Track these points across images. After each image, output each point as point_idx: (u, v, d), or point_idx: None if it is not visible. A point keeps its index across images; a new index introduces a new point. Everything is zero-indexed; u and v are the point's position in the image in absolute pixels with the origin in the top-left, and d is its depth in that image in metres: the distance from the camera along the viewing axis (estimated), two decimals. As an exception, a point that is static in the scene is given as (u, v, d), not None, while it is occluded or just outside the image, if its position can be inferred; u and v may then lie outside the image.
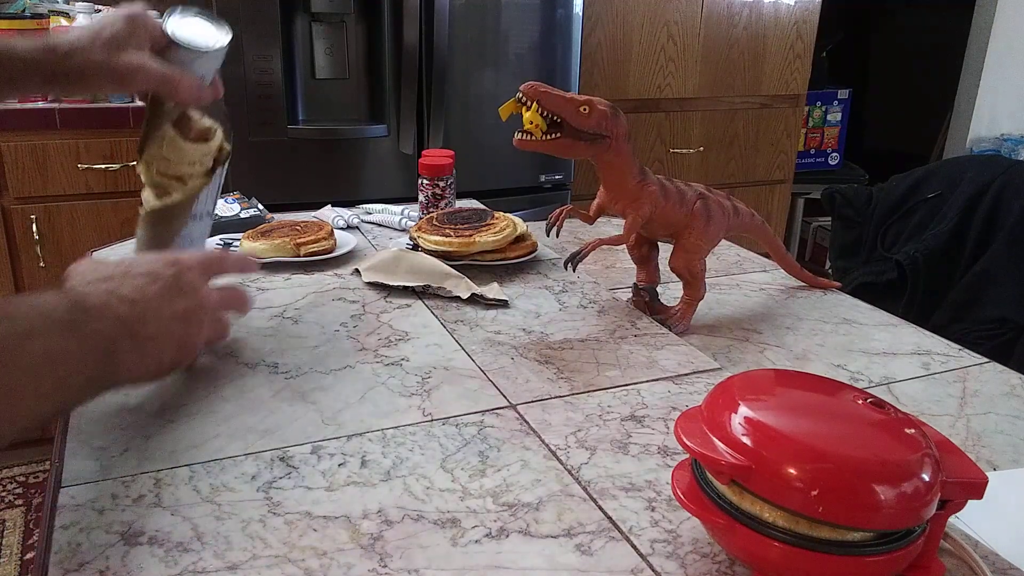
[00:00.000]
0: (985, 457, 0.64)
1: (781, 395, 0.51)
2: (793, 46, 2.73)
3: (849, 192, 1.71)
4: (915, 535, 0.45)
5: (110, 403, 0.66)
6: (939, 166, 1.71)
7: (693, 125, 2.67)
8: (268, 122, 1.91)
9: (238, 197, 1.24)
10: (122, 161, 1.97)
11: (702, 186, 0.87)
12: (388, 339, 0.79)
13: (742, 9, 2.60)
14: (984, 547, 0.52)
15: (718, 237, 0.88)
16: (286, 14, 1.88)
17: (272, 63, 1.87)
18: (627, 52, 2.48)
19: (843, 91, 3.49)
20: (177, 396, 0.67)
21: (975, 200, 1.50)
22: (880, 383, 0.76)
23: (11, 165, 1.88)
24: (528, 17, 2.09)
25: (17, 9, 2.00)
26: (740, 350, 0.81)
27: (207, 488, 0.55)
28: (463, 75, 2.07)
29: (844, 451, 0.43)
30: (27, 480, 2.06)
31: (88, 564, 0.47)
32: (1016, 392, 0.75)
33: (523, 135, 0.76)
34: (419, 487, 0.56)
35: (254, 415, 0.64)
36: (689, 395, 0.70)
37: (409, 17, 1.91)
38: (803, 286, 1.02)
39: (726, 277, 1.05)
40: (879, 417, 0.47)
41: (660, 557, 0.50)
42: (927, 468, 0.43)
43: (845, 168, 3.57)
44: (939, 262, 1.50)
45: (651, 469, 0.59)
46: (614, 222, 1.27)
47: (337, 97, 2.05)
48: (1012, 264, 1.41)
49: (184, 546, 0.49)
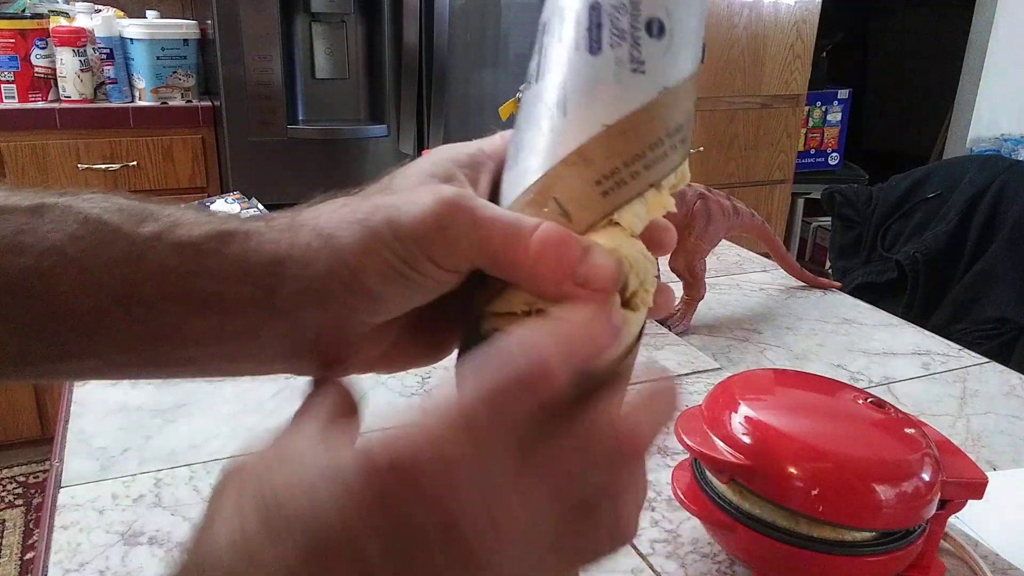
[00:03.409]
0: (985, 457, 0.64)
1: (781, 395, 0.51)
2: (793, 46, 2.73)
3: (849, 192, 1.71)
4: (915, 535, 0.45)
5: (110, 403, 0.66)
6: (939, 166, 1.71)
7: (693, 125, 2.66)
8: (268, 122, 1.91)
9: (238, 197, 1.24)
10: (122, 161, 1.97)
11: (702, 186, 0.87)
12: (388, 339, 0.79)
13: (742, 9, 2.60)
14: (984, 547, 0.52)
15: (718, 237, 0.88)
16: (286, 14, 1.88)
17: (272, 63, 1.87)
18: (627, 52, 2.48)
19: (843, 91, 3.48)
20: (177, 396, 0.67)
21: (975, 200, 1.49)
22: (880, 383, 0.76)
23: (11, 165, 1.88)
24: (528, 17, 2.09)
25: (17, 9, 2.00)
26: (740, 350, 0.81)
27: (207, 488, 0.55)
28: (463, 75, 2.07)
29: (844, 451, 0.43)
30: (27, 480, 2.06)
31: (88, 564, 0.47)
32: (1016, 392, 0.75)
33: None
34: (419, 487, 0.56)
35: (254, 415, 0.64)
36: (689, 395, 0.70)
37: (409, 17, 1.91)
38: (803, 286, 1.02)
39: (726, 277, 1.05)
40: (879, 417, 0.47)
41: (660, 557, 0.49)
42: (927, 468, 0.43)
43: (845, 168, 3.56)
44: (939, 262, 1.50)
45: (651, 469, 0.59)
46: (614, 222, 1.27)
47: (337, 97, 2.05)
48: (1012, 264, 1.41)
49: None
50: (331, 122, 2.03)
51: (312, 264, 0.27)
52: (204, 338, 0.28)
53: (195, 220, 0.28)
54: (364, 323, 0.28)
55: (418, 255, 0.26)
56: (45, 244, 0.27)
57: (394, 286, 0.27)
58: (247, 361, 0.30)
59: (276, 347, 0.29)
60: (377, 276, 0.26)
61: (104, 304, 0.27)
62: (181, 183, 2.02)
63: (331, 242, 0.27)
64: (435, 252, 0.26)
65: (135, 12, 2.18)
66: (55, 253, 0.27)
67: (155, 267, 0.27)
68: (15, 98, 1.95)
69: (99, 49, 1.98)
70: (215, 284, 0.27)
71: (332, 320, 0.28)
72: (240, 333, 0.28)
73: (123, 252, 0.27)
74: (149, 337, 0.28)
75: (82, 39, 1.95)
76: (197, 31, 2.08)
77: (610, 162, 0.26)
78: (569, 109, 0.27)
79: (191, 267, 0.27)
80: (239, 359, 0.30)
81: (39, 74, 1.97)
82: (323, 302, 0.27)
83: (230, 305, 0.28)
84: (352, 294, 0.27)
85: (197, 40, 2.09)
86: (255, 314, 0.28)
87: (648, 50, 0.26)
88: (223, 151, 1.96)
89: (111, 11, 2.05)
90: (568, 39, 0.27)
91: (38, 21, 1.97)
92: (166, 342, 0.28)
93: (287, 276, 0.27)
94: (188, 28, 2.05)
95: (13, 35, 1.93)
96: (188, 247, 0.27)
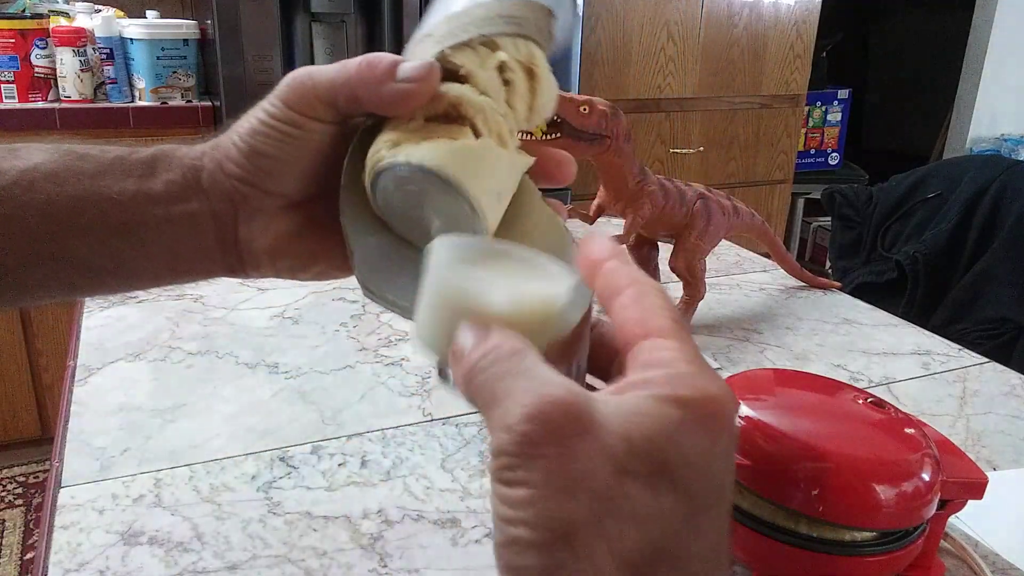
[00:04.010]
0: (985, 457, 0.64)
1: (781, 395, 0.51)
2: (793, 46, 2.73)
3: (849, 192, 1.71)
4: (915, 535, 0.45)
5: (110, 403, 0.66)
6: (939, 166, 1.71)
7: (693, 125, 2.66)
8: (268, 122, 1.91)
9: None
10: (122, 161, 1.96)
11: (702, 186, 0.87)
12: (388, 339, 0.79)
13: (742, 9, 2.60)
14: (984, 547, 0.52)
15: (718, 237, 0.88)
16: (286, 14, 1.88)
17: (272, 63, 1.87)
18: (627, 52, 2.48)
19: (843, 91, 3.49)
20: (177, 396, 0.67)
21: (975, 200, 1.49)
22: (880, 383, 0.76)
23: (11, 165, 1.88)
24: (528, 17, 2.09)
25: (17, 9, 2.00)
26: (740, 350, 0.81)
27: (207, 488, 0.55)
28: (463, 75, 2.07)
29: (844, 451, 0.43)
30: (27, 480, 2.06)
31: (88, 564, 0.47)
32: (1016, 392, 0.75)
33: (522, 135, 0.76)
34: (419, 487, 0.56)
35: (254, 415, 0.64)
36: (689, 395, 0.70)
37: (409, 17, 1.91)
38: (803, 286, 1.02)
39: (726, 277, 1.05)
40: (879, 417, 0.47)
41: (660, 557, 0.49)
42: (927, 468, 0.43)
43: (845, 168, 3.57)
44: (939, 262, 1.50)
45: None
46: (614, 222, 1.27)
47: (337, 97, 2.05)
48: (1012, 264, 1.41)
49: (184, 546, 0.49)
50: (331, 122, 2.03)
51: (221, 145, 0.38)
52: (157, 224, 0.37)
53: (143, 148, 0.39)
54: (261, 188, 0.38)
55: (280, 106, 0.37)
56: (23, 165, 0.36)
57: (270, 139, 0.37)
58: (189, 251, 0.38)
59: (206, 228, 0.38)
60: (260, 135, 0.37)
61: (78, 205, 0.36)
62: (181, 183, 2.02)
63: (232, 129, 0.38)
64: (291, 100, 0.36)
65: (135, 12, 2.18)
66: (32, 170, 0.36)
67: (119, 173, 0.37)
68: (15, 98, 1.95)
69: (99, 49, 1.98)
70: (163, 183, 0.37)
71: (239, 189, 0.38)
72: (181, 216, 0.38)
73: (92, 168, 0.37)
74: (113, 230, 0.37)
75: (82, 39, 1.95)
76: (197, 31, 2.08)
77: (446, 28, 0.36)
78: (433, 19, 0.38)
79: (147, 171, 0.38)
80: (182, 248, 0.38)
81: (39, 74, 1.97)
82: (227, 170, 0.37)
83: (173, 190, 0.37)
84: (245, 156, 0.37)
85: (197, 40, 2.08)
86: (189, 194, 0.38)
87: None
88: (223, 151, 1.96)
89: (111, 11, 2.05)
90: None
91: (38, 21, 1.97)
92: (128, 233, 0.37)
93: (205, 160, 0.38)
94: (188, 28, 2.05)
95: (13, 35, 1.93)
96: (144, 159, 0.38)
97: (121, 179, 0.37)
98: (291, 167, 0.37)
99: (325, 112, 0.37)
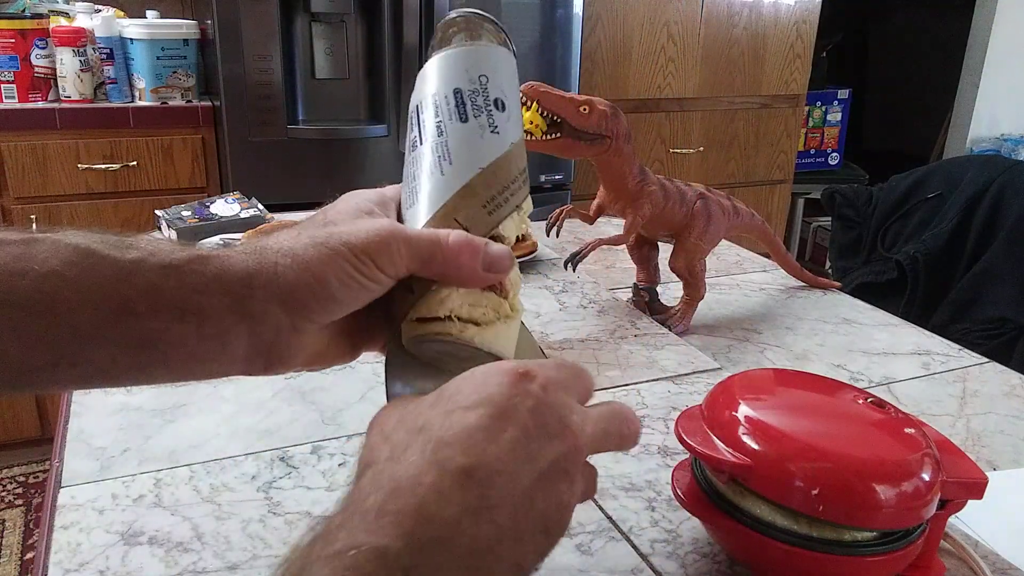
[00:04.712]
0: (985, 457, 0.64)
1: (781, 394, 0.51)
2: (793, 46, 2.73)
3: (849, 192, 1.71)
4: (915, 535, 0.45)
5: (110, 403, 0.66)
6: (939, 166, 1.71)
7: (693, 125, 2.66)
8: (268, 122, 1.91)
9: (238, 197, 1.24)
10: (122, 161, 1.97)
11: (702, 186, 0.87)
12: (388, 339, 0.79)
13: (742, 9, 2.60)
14: (984, 547, 0.52)
15: (718, 237, 0.88)
16: (286, 14, 1.88)
17: (272, 63, 1.87)
18: (627, 52, 2.48)
19: (843, 91, 3.49)
20: (177, 396, 0.67)
21: (975, 200, 1.49)
22: (880, 383, 0.76)
23: (11, 165, 1.88)
24: (528, 17, 2.09)
25: (17, 9, 2.00)
26: (740, 350, 0.81)
27: (207, 488, 0.55)
28: (463, 75, 2.07)
29: (844, 450, 0.43)
30: (27, 480, 2.06)
31: (88, 564, 0.47)
32: (1016, 392, 0.75)
33: (523, 135, 0.76)
34: (419, 487, 0.55)
35: (254, 415, 0.64)
36: (689, 395, 0.70)
37: (409, 17, 1.91)
38: (803, 286, 1.02)
39: (726, 277, 1.05)
40: (879, 417, 0.47)
41: (660, 557, 0.49)
42: (927, 468, 0.43)
43: (845, 168, 3.57)
44: (939, 262, 1.50)
45: (651, 469, 0.59)
46: (614, 222, 1.27)
47: (337, 97, 2.05)
48: (1012, 264, 1.41)
49: (184, 546, 0.49)
50: (331, 122, 2.03)
51: (282, 276, 0.36)
52: (183, 342, 0.35)
53: (170, 248, 0.36)
54: (315, 322, 0.37)
55: (369, 264, 0.36)
56: (44, 268, 0.33)
57: (348, 290, 0.36)
58: (213, 361, 0.37)
59: (240, 348, 0.36)
60: (337, 282, 0.36)
61: (100, 317, 0.34)
62: (181, 183, 2.02)
63: (297, 259, 0.36)
64: (381, 261, 0.37)
65: (135, 12, 2.18)
66: (54, 276, 0.33)
67: (144, 284, 0.34)
68: (15, 98, 1.95)
69: (99, 49, 1.98)
70: (196, 296, 0.35)
71: (290, 321, 0.36)
72: (213, 336, 0.35)
73: (113, 274, 0.34)
74: (136, 343, 0.35)
75: (82, 39, 1.95)
76: (197, 31, 2.08)
77: (489, 191, 0.40)
78: (453, 159, 0.39)
79: (175, 283, 0.35)
80: (208, 359, 0.36)
81: (39, 74, 1.97)
82: (287, 305, 0.36)
83: (208, 313, 0.35)
84: (315, 298, 0.36)
85: (197, 40, 2.09)
86: (228, 319, 0.35)
87: (498, 118, 0.40)
88: (223, 151, 1.96)
89: (111, 11, 2.05)
90: (443, 113, 0.40)
91: (38, 21, 1.97)
92: (151, 347, 0.35)
93: (256, 287, 0.35)
94: (188, 28, 2.06)
95: (13, 35, 1.93)
96: (171, 268, 0.35)
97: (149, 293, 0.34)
98: (354, 308, 0.38)
99: (406, 272, 0.38)
